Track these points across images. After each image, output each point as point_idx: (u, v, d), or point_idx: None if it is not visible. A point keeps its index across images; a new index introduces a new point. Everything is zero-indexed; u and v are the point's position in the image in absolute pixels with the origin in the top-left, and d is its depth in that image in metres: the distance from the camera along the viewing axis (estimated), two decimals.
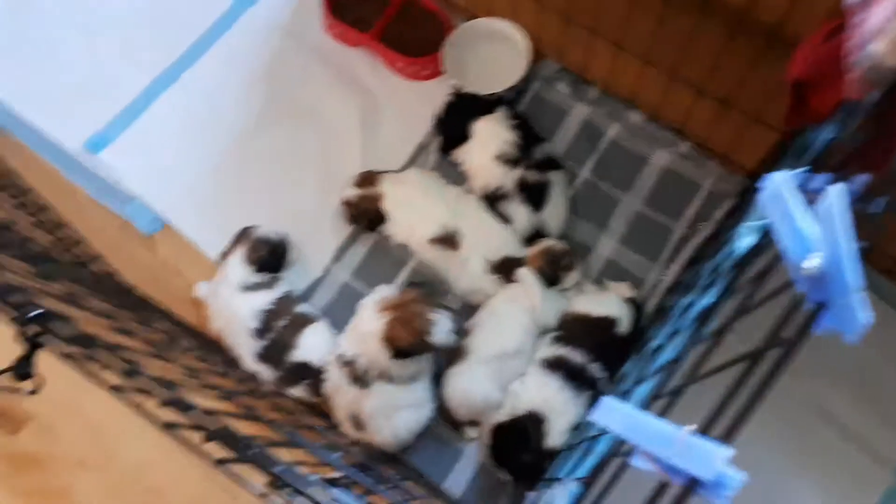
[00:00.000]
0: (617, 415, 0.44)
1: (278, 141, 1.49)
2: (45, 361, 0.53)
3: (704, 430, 0.40)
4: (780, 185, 0.41)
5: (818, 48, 0.65)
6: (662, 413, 0.53)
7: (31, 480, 1.26)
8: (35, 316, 0.50)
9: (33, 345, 0.51)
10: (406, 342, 1.11)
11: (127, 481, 1.27)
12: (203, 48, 1.57)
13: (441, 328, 1.12)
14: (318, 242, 1.41)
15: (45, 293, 0.67)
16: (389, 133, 1.49)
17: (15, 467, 1.27)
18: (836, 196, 0.38)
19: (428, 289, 1.15)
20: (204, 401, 0.60)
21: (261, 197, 1.45)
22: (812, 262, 0.38)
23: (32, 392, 0.52)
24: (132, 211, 1.44)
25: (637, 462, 0.42)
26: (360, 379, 1.16)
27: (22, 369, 0.51)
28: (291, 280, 1.36)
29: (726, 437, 0.39)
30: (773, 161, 1.23)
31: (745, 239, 0.71)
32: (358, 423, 1.19)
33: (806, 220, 0.39)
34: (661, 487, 0.42)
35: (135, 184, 1.45)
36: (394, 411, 1.18)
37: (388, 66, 1.53)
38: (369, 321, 1.12)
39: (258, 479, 0.57)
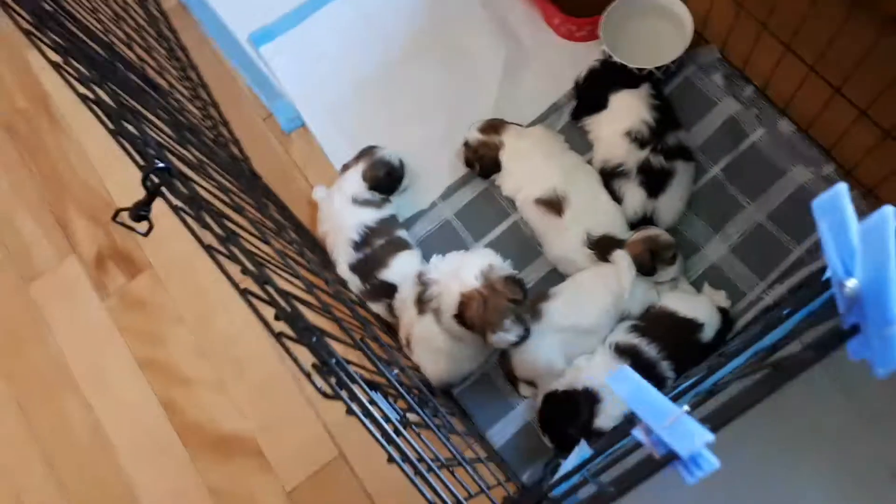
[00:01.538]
0: (627, 383, 0.46)
1: (422, 71, 1.54)
2: (171, 219, 0.61)
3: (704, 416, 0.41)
4: (839, 192, 0.39)
5: None
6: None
7: (135, 320, 1.45)
8: (160, 168, 0.58)
9: (151, 193, 0.59)
10: (469, 319, 1.15)
11: (215, 346, 1.43)
12: None
13: (504, 336, 1.14)
14: (432, 176, 1.46)
15: (177, 156, 0.76)
16: (528, 86, 1.49)
17: (125, 306, 1.46)
18: (888, 217, 0.37)
19: (522, 289, 1.17)
20: (287, 286, 0.66)
21: (393, 120, 1.52)
22: (851, 283, 0.37)
23: (146, 234, 0.60)
24: (278, 107, 1.55)
25: (635, 433, 0.44)
26: (421, 302, 1.21)
27: (139, 211, 0.59)
28: (399, 205, 1.43)
29: (715, 427, 0.40)
30: None
31: None
32: (408, 344, 1.25)
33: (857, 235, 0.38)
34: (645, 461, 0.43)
35: (285, 82, 1.56)
36: (434, 352, 1.23)
37: (546, 21, 1.52)
38: (467, 275, 1.16)
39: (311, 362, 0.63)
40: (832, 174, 1.31)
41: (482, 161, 1.39)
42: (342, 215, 1.36)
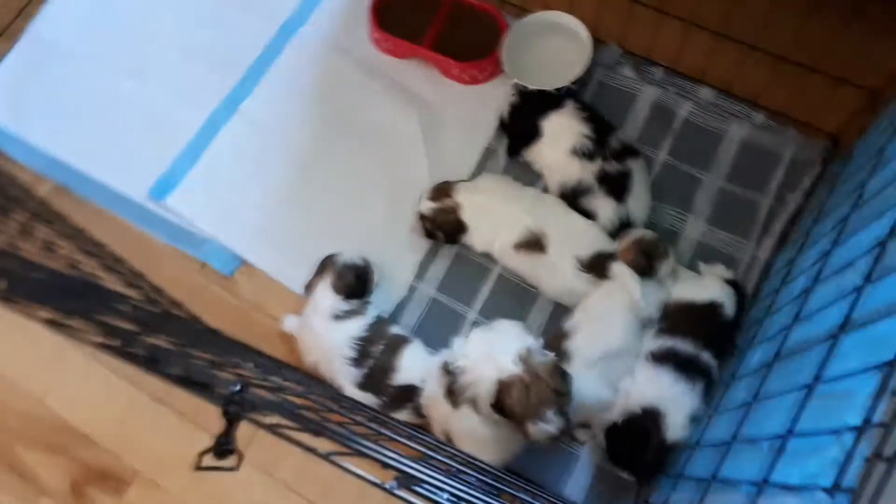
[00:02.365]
0: None
1: (344, 162, 1.47)
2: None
3: None
4: None
5: None
6: None
7: None
8: (237, 391, 0.48)
9: (232, 420, 0.49)
10: (509, 408, 1.07)
11: None
12: (257, 75, 1.55)
13: (545, 427, 1.07)
14: (399, 261, 1.38)
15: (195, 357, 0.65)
16: (454, 141, 1.46)
17: None
18: None
19: (567, 382, 1.10)
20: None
21: (335, 222, 1.43)
22: None
23: (236, 467, 0.49)
24: (208, 252, 1.43)
25: None
26: (453, 394, 1.13)
27: (223, 445, 0.49)
28: (379, 302, 1.34)
29: None
30: (867, 119, 1.19)
31: None
32: (450, 440, 1.16)
33: None
34: None
35: (207, 224, 1.44)
36: (481, 443, 1.14)
37: (445, 74, 1.51)
38: (505, 359, 1.08)
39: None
40: (765, 121, 1.36)
41: (444, 228, 1.34)
42: (327, 337, 1.26)
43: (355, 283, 1.29)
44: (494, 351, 1.10)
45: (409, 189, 1.41)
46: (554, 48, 1.45)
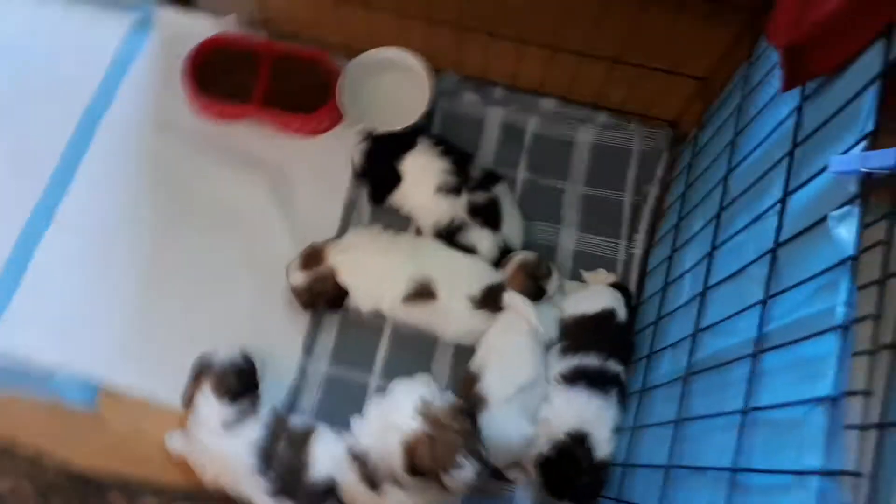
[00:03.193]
0: None
1: (193, 250, 1.33)
2: None
3: None
4: None
5: (810, 8, 0.63)
6: None
7: None
8: None
9: None
10: (423, 466, 1.00)
11: None
12: (67, 174, 1.37)
13: (462, 475, 0.99)
14: (281, 343, 1.27)
15: None
16: (310, 201, 1.37)
17: None
18: None
19: (469, 419, 1.03)
20: None
21: (199, 317, 1.29)
22: None
23: None
24: (57, 387, 1.23)
25: None
26: (369, 477, 1.05)
27: None
28: (269, 394, 1.22)
29: None
30: (702, 104, 1.25)
31: None
32: None
33: None
34: None
35: (47, 355, 1.24)
36: None
37: (283, 131, 1.40)
38: (402, 416, 1.01)
39: None
40: (608, 119, 1.40)
41: (323, 296, 1.24)
42: (222, 449, 1.12)
43: (238, 381, 1.16)
44: (391, 416, 1.03)
45: (273, 263, 1.29)
46: (392, 85, 1.40)
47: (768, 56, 0.93)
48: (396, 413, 1.04)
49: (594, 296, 1.24)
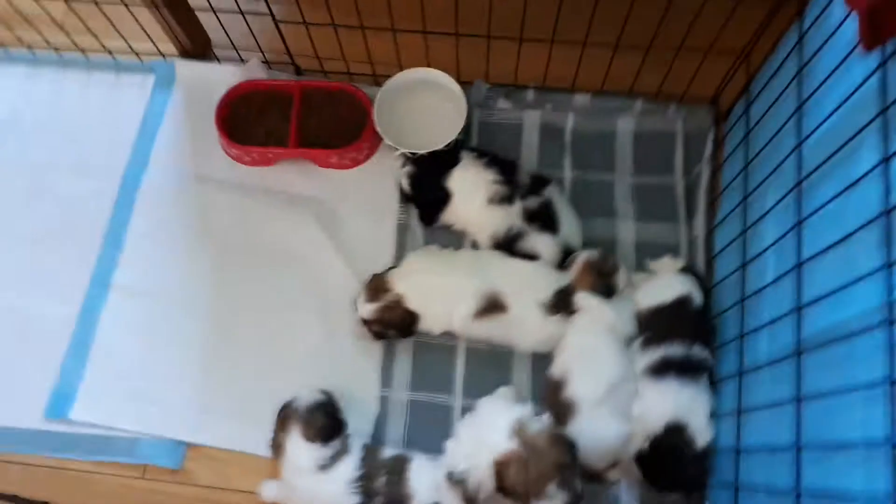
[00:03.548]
0: None
1: (255, 296, 1.33)
2: None
3: None
4: None
5: None
6: None
7: None
8: None
9: None
10: (512, 487, 1.00)
11: None
12: (117, 241, 1.37)
13: (555, 493, 0.99)
14: (358, 377, 1.26)
15: None
16: (362, 231, 1.36)
17: None
18: None
19: (570, 450, 1.02)
20: None
21: (271, 363, 1.28)
22: None
23: None
24: (144, 452, 1.22)
25: None
26: (471, 501, 1.04)
27: None
28: (355, 430, 1.21)
29: None
30: (746, 77, 1.24)
31: None
32: None
33: None
34: None
35: (129, 422, 1.24)
36: None
37: (323, 166, 1.40)
38: (496, 438, 1.00)
39: None
40: (646, 106, 1.38)
41: (394, 325, 1.23)
42: (321, 492, 1.12)
43: (326, 422, 1.15)
44: (485, 435, 1.02)
45: (336, 298, 1.29)
46: (426, 105, 1.39)
47: (823, 22, 0.91)
48: (490, 432, 1.03)
49: (666, 284, 1.22)
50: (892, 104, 0.69)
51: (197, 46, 1.49)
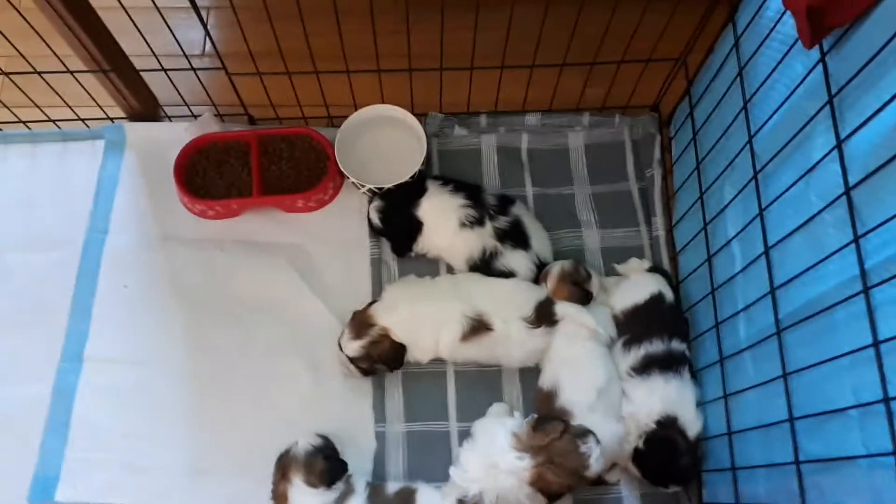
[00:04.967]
0: None
1: (235, 350, 1.31)
2: None
3: None
4: None
5: None
6: None
7: None
8: None
9: None
10: (563, 486, 1.04)
11: None
12: (85, 312, 1.34)
13: (596, 457, 1.05)
14: (352, 417, 1.26)
15: None
16: (337, 271, 1.37)
17: None
18: None
19: (565, 426, 1.07)
20: None
21: (261, 414, 1.26)
22: None
23: None
24: None
25: None
26: None
27: None
28: (355, 469, 1.20)
29: None
30: (686, 82, 1.31)
31: None
32: None
33: None
34: None
35: (122, 495, 1.20)
36: None
37: (290, 211, 1.40)
38: (508, 460, 1.03)
39: None
40: (592, 118, 1.45)
41: (382, 359, 1.24)
42: None
43: (327, 465, 1.14)
44: (493, 458, 1.06)
45: (320, 340, 1.30)
46: (385, 140, 1.42)
47: (758, 21, 0.98)
48: (495, 454, 1.06)
49: (637, 285, 1.27)
50: (835, 94, 0.76)
51: (146, 107, 1.48)
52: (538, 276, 1.30)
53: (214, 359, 1.31)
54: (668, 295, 1.26)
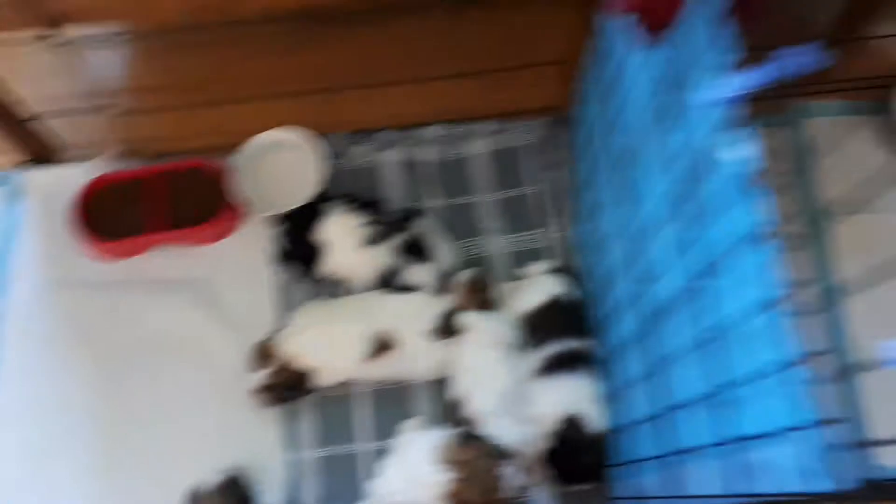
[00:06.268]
0: None
1: (142, 392, 1.29)
2: None
3: None
4: None
5: None
6: None
7: None
8: None
9: None
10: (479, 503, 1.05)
11: None
12: None
13: (511, 480, 1.07)
14: (262, 448, 1.24)
15: None
16: (242, 301, 1.35)
17: None
18: None
19: (488, 446, 1.09)
20: None
21: (172, 457, 1.24)
22: None
23: None
24: None
25: None
26: None
27: None
28: (274, 501, 1.19)
29: None
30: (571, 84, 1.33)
31: None
32: None
33: None
34: None
35: None
36: None
37: (192, 244, 1.39)
38: (427, 473, 1.03)
39: None
40: (489, 126, 1.47)
41: (288, 385, 1.23)
42: None
43: (238, 500, 1.14)
44: (412, 474, 1.06)
45: (226, 374, 1.28)
46: (283, 164, 1.41)
47: (609, 24, 1.00)
48: (420, 469, 1.07)
49: (535, 287, 1.29)
50: (666, 93, 0.77)
51: (42, 152, 1.46)
52: (443, 288, 1.30)
53: (124, 404, 1.28)
54: (568, 295, 1.27)
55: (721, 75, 0.64)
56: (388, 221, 1.31)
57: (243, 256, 1.38)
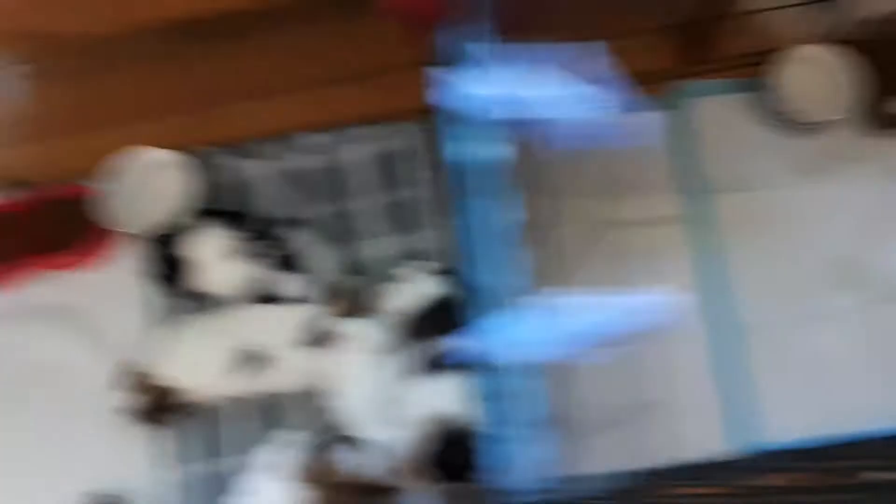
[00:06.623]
0: None
1: (23, 426, 1.28)
2: None
3: None
4: None
5: None
6: None
7: None
8: None
9: None
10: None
11: None
12: None
13: (365, 465, 1.07)
14: (129, 468, 1.23)
15: None
16: (115, 326, 1.32)
17: None
18: None
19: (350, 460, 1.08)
20: None
21: (55, 486, 1.22)
22: None
23: None
24: None
25: None
26: None
27: None
28: None
29: None
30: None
31: None
32: None
33: None
34: None
35: None
36: None
37: (63, 269, 1.36)
38: (286, 489, 1.02)
39: None
40: (355, 133, 1.44)
41: (157, 406, 1.20)
42: None
43: None
44: (271, 488, 1.04)
45: (98, 401, 1.24)
46: (152, 183, 1.37)
47: None
48: (276, 483, 1.06)
49: (412, 289, 1.27)
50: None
51: None
52: (319, 298, 1.27)
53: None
54: (445, 295, 1.25)
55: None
56: (258, 234, 1.28)
57: (116, 280, 1.36)
